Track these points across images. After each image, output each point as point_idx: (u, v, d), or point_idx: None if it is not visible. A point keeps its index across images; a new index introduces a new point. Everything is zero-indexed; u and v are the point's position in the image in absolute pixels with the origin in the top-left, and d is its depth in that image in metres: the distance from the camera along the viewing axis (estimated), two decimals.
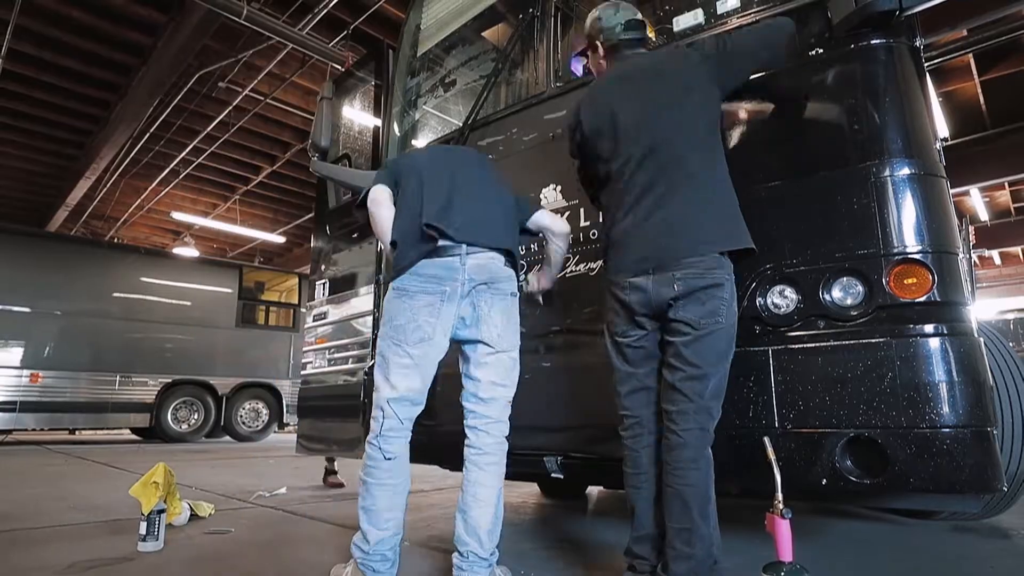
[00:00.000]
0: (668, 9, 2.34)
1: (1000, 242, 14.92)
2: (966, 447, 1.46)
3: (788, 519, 1.43)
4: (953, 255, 1.65)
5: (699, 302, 1.59)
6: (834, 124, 1.80)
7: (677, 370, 1.60)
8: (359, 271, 3.58)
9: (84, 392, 8.52)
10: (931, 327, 1.54)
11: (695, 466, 1.54)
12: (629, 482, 1.71)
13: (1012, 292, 17.94)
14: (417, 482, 4.33)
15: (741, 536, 2.57)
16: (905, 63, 1.78)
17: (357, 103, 3.88)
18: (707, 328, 1.58)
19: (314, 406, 3.78)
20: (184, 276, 9.85)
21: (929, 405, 1.49)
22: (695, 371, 1.57)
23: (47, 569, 1.99)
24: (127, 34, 7.88)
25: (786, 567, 1.39)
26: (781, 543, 1.42)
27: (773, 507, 1.47)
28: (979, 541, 2.55)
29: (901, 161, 1.68)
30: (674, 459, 1.56)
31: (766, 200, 1.86)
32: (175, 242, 15.56)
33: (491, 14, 3.11)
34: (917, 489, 1.51)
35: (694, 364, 1.57)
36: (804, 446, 1.63)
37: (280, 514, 3.12)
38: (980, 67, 8.60)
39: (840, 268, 1.70)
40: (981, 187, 11.58)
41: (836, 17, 1.80)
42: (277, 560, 2.17)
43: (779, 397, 1.70)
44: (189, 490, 3.71)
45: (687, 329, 1.59)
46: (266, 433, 10.17)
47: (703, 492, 1.54)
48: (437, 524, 2.82)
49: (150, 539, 2.24)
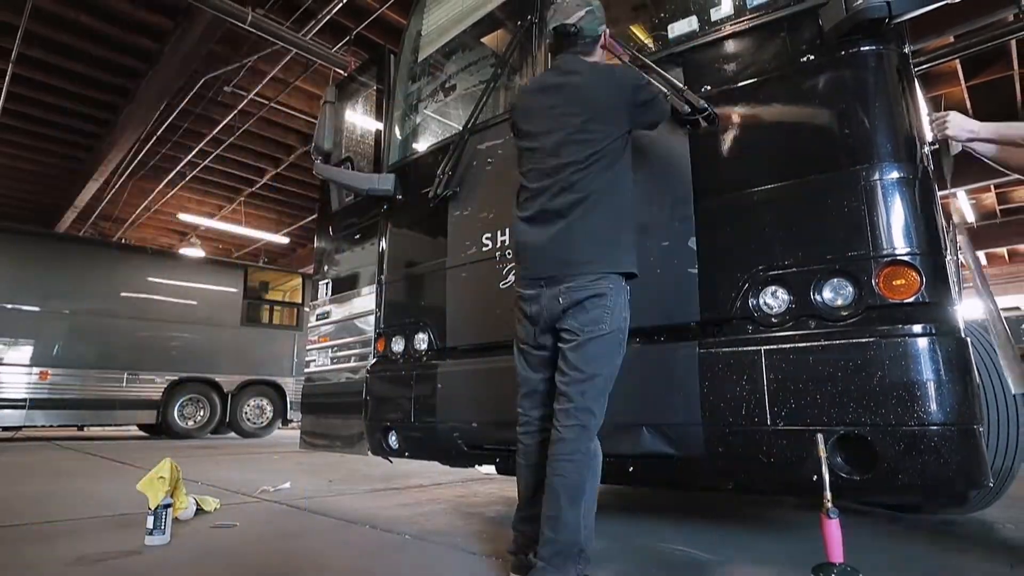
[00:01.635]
0: (663, 16, 2.34)
1: (986, 243, 14.96)
2: (953, 444, 1.47)
3: (835, 519, 1.38)
4: (941, 257, 1.65)
5: (584, 311, 1.69)
6: (825, 128, 1.81)
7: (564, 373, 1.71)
8: (361, 271, 3.58)
9: (92, 389, 8.50)
10: (919, 327, 1.55)
11: (569, 459, 1.63)
12: (519, 471, 1.84)
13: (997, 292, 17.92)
14: (416, 477, 4.34)
15: (735, 530, 2.57)
16: (894, 69, 1.78)
17: (359, 107, 3.88)
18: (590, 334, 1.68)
19: (317, 403, 3.79)
20: (190, 276, 9.83)
21: (917, 403, 1.49)
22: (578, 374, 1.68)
23: (57, 562, 1.99)
24: (135, 39, 7.86)
25: (837, 568, 1.32)
26: (831, 543, 1.37)
27: (822, 507, 1.42)
28: (965, 535, 2.55)
29: (890, 165, 1.68)
30: (553, 452, 1.66)
31: (758, 202, 1.87)
32: (182, 243, 15.52)
33: (490, 20, 3.11)
34: (905, 485, 1.52)
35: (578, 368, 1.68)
36: (795, 443, 1.63)
37: (284, 509, 3.12)
38: (966, 73, 8.61)
39: (831, 269, 1.70)
40: (968, 189, 11.61)
41: (827, 24, 1.80)
42: (281, 553, 2.16)
43: (771, 395, 1.70)
44: (195, 485, 3.70)
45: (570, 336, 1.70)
46: (270, 430, 10.16)
47: (574, 483, 1.62)
48: (437, 518, 2.82)
49: (157, 533, 2.24)
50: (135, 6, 7.30)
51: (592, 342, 1.67)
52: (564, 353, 1.70)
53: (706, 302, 1.91)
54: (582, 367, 1.66)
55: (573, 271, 1.69)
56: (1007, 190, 12.92)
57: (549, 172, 1.77)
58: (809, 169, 1.80)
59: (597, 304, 1.68)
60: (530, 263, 1.79)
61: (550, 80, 1.90)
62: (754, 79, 1.96)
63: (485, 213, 2.61)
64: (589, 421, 1.66)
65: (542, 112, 1.85)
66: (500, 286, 2.45)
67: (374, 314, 3.30)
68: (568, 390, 1.67)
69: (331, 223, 3.94)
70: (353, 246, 3.70)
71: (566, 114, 1.79)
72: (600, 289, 1.68)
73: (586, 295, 1.67)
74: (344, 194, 3.80)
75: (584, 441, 1.64)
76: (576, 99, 1.79)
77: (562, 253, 1.71)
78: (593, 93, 1.79)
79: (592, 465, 1.65)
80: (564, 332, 1.70)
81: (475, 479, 4.35)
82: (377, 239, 3.35)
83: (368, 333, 3.39)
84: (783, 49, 1.92)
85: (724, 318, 1.87)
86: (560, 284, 1.70)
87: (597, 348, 1.68)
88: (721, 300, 1.88)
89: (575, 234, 1.71)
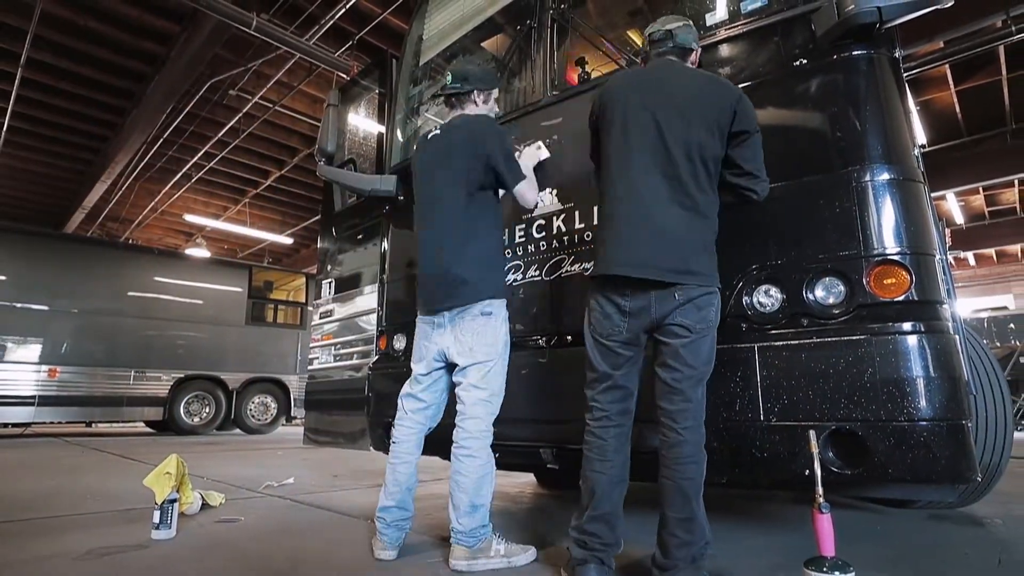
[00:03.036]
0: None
1: (975, 244, 14.98)
2: (942, 439, 1.47)
3: (826, 513, 1.37)
4: (930, 256, 1.66)
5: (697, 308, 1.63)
6: (818, 131, 1.81)
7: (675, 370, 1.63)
8: (363, 271, 3.58)
9: (100, 387, 8.49)
10: (909, 325, 1.55)
11: (693, 460, 1.59)
12: (591, 467, 1.72)
13: (986, 292, 18.02)
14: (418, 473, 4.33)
15: (729, 524, 2.57)
16: (885, 73, 1.78)
17: (362, 110, 3.88)
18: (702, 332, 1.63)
19: (320, 400, 3.78)
20: (196, 276, 9.82)
21: (907, 399, 1.50)
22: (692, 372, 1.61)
23: (65, 556, 1.98)
24: (142, 44, 7.85)
25: (828, 562, 1.32)
26: (822, 537, 1.36)
27: (814, 502, 1.42)
28: (954, 529, 2.56)
29: (881, 166, 1.69)
30: (676, 455, 1.59)
31: (753, 203, 1.86)
32: (187, 243, 15.52)
33: (490, 25, 3.11)
34: (895, 479, 1.52)
35: (691, 365, 1.61)
36: (788, 438, 1.63)
37: (288, 503, 3.12)
38: (956, 77, 8.62)
39: (823, 269, 1.71)
40: (957, 191, 11.62)
41: (820, 29, 1.80)
42: (285, 547, 2.16)
43: (764, 392, 1.70)
44: (201, 480, 3.70)
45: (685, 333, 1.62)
46: (274, 426, 10.15)
47: (699, 483, 1.59)
48: (437, 514, 2.82)
49: (163, 527, 2.24)
50: (142, 11, 7.29)
51: (705, 339, 1.63)
52: (675, 350, 1.62)
53: None
54: (696, 364, 1.61)
55: (687, 278, 1.62)
56: (995, 192, 12.93)
57: (661, 174, 1.68)
58: (802, 170, 1.80)
59: (709, 303, 1.64)
60: (650, 258, 1.64)
61: (654, 75, 1.79)
62: (749, 83, 1.96)
63: None
64: (702, 419, 1.62)
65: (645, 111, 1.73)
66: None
67: (376, 313, 3.29)
68: (683, 387, 1.60)
69: (334, 224, 3.94)
70: (355, 246, 3.70)
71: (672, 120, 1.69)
72: (711, 288, 1.65)
73: (699, 293, 1.62)
74: (347, 195, 3.80)
75: (701, 440, 1.61)
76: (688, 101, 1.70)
77: (677, 260, 1.62)
78: (704, 100, 1.70)
79: (705, 461, 1.61)
80: (676, 327, 1.62)
81: None
82: (379, 239, 3.35)
83: (370, 331, 3.39)
84: (777, 53, 1.93)
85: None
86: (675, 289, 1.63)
87: (708, 345, 1.64)
88: None
89: (684, 242, 1.65)
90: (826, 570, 1.31)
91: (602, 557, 1.66)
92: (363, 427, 3.17)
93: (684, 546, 1.55)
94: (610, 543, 1.68)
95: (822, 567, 1.31)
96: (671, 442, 1.60)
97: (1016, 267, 18.09)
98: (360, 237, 3.63)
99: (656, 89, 1.75)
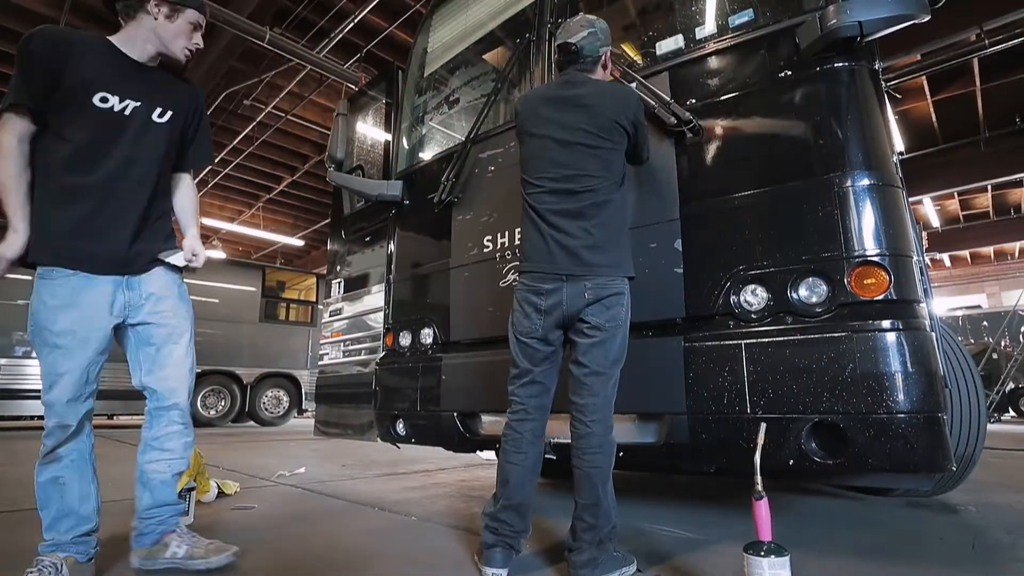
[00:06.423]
0: (651, 35, 2.34)
1: (950, 246, 15.00)
2: (919, 431, 1.47)
3: (761, 500, 1.39)
4: (908, 258, 1.66)
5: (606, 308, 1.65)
6: (801, 138, 1.81)
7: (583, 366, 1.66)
8: (371, 271, 3.58)
9: (122, 381, 8.46)
10: (888, 323, 1.55)
11: (599, 451, 1.62)
12: (507, 459, 1.72)
13: (961, 291, 18.05)
14: (421, 463, 4.33)
15: (718, 511, 2.57)
16: (865, 84, 1.78)
17: (370, 119, 3.87)
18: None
19: (330, 393, 3.78)
20: (212, 276, 9.80)
21: (886, 393, 1.50)
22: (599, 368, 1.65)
23: None
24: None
25: (765, 546, 1.33)
26: (760, 523, 1.38)
27: (752, 489, 1.43)
28: (931, 516, 2.56)
29: (861, 172, 1.69)
30: (583, 445, 1.62)
31: (739, 207, 1.87)
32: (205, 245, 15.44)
33: (491, 38, 3.11)
34: (875, 468, 1.52)
35: (600, 362, 1.64)
36: (773, 430, 1.63)
37: (299, 492, 3.12)
38: (932, 88, 8.63)
39: (806, 269, 1.71)
40: (933, 196, 11.64)
41: (804, 42, 1.80)
42: (297, 533, 2.16)
43: (751, 386, 1.70)
44: (217, 470, 3.70)
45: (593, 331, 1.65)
46: (287, 419, 10.15)
47: (605, 471, 1.62)
48: (441, 501, 2.82)
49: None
50: None
51: (614, 338, 1.64)
52: (585, 348, 1.65)
53: (691, 299, 1.91)
54: (605, 361, 1.63)
55: (594, 272, 1.65)
56: (969, 197, 12.94)
57: (560, 178, 1.71)
58: (786, 176, 1.80)
59: (617, 302, 1.65)
60: (555, 259, 1.68)
61: (557, 92, 1.81)
62: (736, 93, 1.96)
63: (486, 217, 2.61)
64: (610, 412, 1.64)
65: (550, 120, 1.77)
66: (500, 285, 2.46)
67: (383, 311, 3.29)
68: (591, 382, 1.63)
69: (343, 226, 3.94)
70: (363, 248, 3.69)
71: (573, 124, 1.73)
72: (619, 288, 1.66)
73: (608, 293, 1.64)
74: (355, 200, 3.80)
75: (609, 431, 1.63)
76: (582, 112, 1.73)
77: (586, 253, 1.65)
78: (598, 108, 1.73)
79: (613, 452, 1.64)
80: (585, 327, 1.65)
81: (477, 464, 4.35)
82: (386, 241, 3.35)
83: (377, 329, 3.38)
84: (763, 65, 1.93)
85: (707, 314, 1.87)
86: (584, 281, 1.64)
87: (618, 343, 1.65)
88: (705, 298, 1.88)
89: (596, 237, 1.67)
90: (763, 554, 1.32)
91: (510, 543, 1.68)
92: (370, 419, 3.17)
93: (590, 529, 1.58)
94: (520, 530, 1.69)
95: (759, 551, 1.33)
96: (580, 433, 1.63)
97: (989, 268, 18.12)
98: (368, 239, 3.63)
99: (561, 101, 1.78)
